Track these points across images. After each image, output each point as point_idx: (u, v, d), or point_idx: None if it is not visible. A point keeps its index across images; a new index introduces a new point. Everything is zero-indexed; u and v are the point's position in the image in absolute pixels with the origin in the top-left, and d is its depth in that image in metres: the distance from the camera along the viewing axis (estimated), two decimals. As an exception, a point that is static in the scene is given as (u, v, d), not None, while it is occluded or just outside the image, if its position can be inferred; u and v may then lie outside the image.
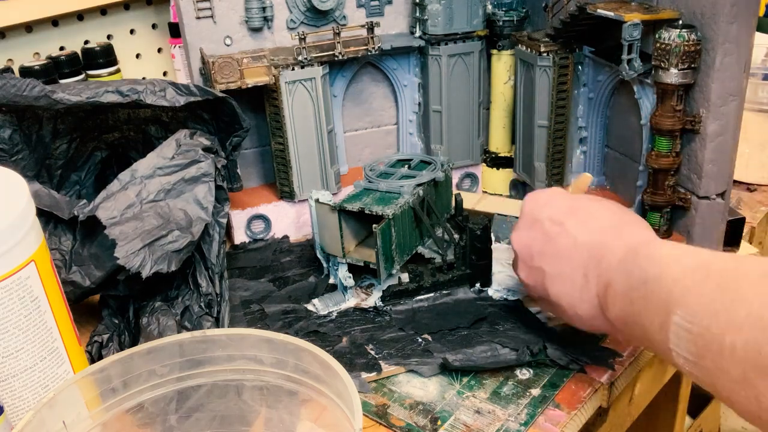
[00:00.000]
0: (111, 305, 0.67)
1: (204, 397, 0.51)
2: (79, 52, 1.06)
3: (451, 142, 0.87)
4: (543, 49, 0.76)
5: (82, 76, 1.04)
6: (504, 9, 0.84)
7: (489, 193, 0.91)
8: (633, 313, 0.49)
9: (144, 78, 0.98)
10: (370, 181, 0.74)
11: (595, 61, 0.77)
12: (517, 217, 0.79)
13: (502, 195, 0.90)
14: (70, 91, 0.65)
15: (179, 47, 1.09)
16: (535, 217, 0.59)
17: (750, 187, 0.92)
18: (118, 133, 0.77)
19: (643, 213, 0.72)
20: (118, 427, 0.49)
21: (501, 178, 0.90)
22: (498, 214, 0.81)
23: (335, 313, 0.69)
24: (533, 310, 0.67)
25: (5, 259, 0.45)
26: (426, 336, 0.65)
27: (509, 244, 0.79)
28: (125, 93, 0.66)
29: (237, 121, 0.70)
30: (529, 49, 0.78)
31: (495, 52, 0.86)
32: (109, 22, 1.15)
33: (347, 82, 0.85)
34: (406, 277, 0.71)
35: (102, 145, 0.77)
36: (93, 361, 0.61)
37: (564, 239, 0.56)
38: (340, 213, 0.69)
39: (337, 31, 0.76)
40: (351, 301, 0.70)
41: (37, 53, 1.07)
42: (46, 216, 0.63)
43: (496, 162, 0.90)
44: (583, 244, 0.55)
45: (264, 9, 0.77)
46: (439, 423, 0.55)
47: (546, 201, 0.60)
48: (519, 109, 0.83)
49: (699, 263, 0.44)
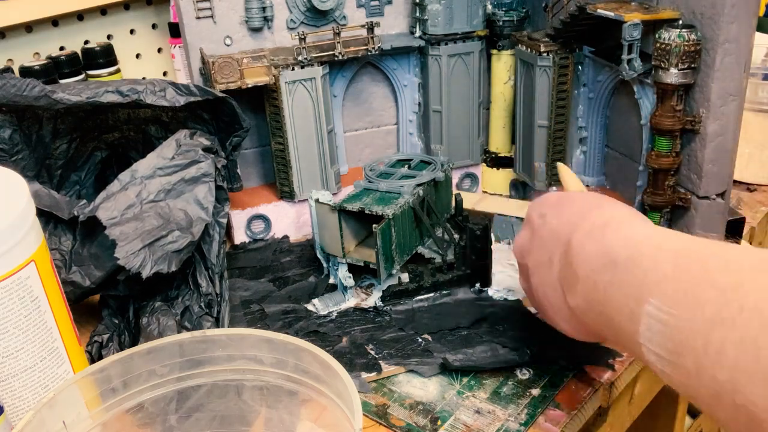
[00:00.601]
0: (111, 305, 0.67)
1: (204, 397, 0.51)
2: (79, 52, 1.06)
3: (451, 142, 0.87)
4: (543, 49, 0.76)
5: (82, 76, 1.04)
6: (504, 9, 0.84)
7: (489, 193, 0.91)
8: (597, 301, 0.44)
9: (144, 78, 0.98)
10: (370, 181, 0.74)
11: (595, 61, 0.77)
12: (517, 217, 0.80)
13: (502, 195, 0.90)
14: (70, 91, 0.65)
15: (179, 47, 1.09)
16: (528, 218, 0.58)
17: (750, 187, 0.92)
18: (118, 133, 0.77)
19: (643, 213, 0.72)
20: (118, 427, 0.49)
21: (501, 178, 0.90)
22: (498, 214, 0.81)
23: (335, 313, 0.69)
24: (533, 310, 0.67)
25: (5, 259, 0.45)
26: (426, 336, 0.65)
27: (509, 244, 0.79)
28: (125, 93, 0.66)
29: (237, 121, 0.70)
30: (529, 49, 0.78)
31: (495, 52, 0.86)
32: (109, 22, 1.15)
33: (347, 82, 0.85)
34: (406, 277, 0.71)
35: (102, 145, 0.77)
36: (93, 361, 0.61)
37: (543, 230, 0.54)
38: (340, 213, 0.69)
39: (337, 31, 0.76)
40: (351, 301, 0.70)
41: (37, 53, 1.07)
42: (46, 216, 0.63)
43: (496, 162, 0.90)
44: (555, 231, 0.52)
45: (264, 9, 0.77)
46: (439, 423, 0.55)
47: (540, 203, 0.58)
48: (519, 109, 0.83)
49: (681, 247, 0.39)
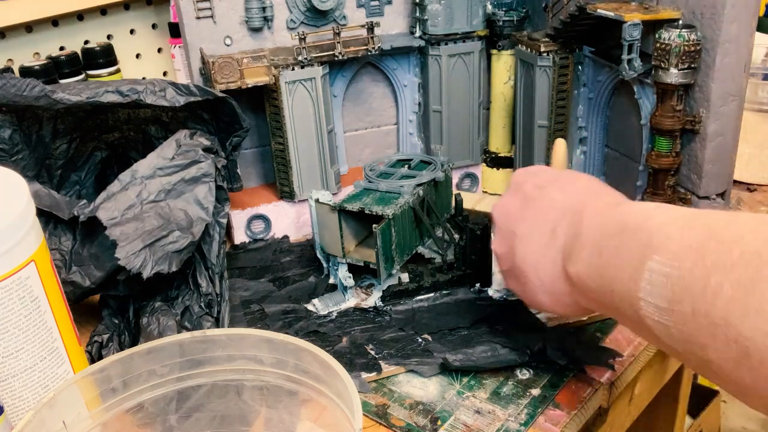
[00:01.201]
0: (111, 305, 0.67)
1: (204, 397, 0.51)
2: (79, 52, 1.06)
3: (451, 142, 0.87)
4: (543, 49, 0.76)
5: (82, 76, 1.04)
6: (504, 9, 0.84)
7: (489, 193, 0.91)
8: (599, 265, 0.46)
9: (144, 78, 0.98)
10: (370, 181, 0.74)
11: (595, 61, 0.77)
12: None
13: (502, 195, 0.90)
14: (70, 91, 0.65)
15: (179, 47, 1.09)
16: (518, 186, 0.59)
17: (750, 187, 0.92)
18: (118, 133, 0.77)
19: (643, 213, 0.72)
20: (118, 427, 0.49)
21: (501, 178, 0.90)
22: (498, 214, 0.81)
23: (335, 313, 0.69)
24: (533, 310, 0.67)
25: (5, 259, 0.45)
26: (426, 336, 0.65)
27: None
28: (125, 93, 0.66)
29: (237, 121, 0.70)
30: (529, 49, 0.78)
31: (495, 52, 0.86)
32: (109, 22, 1.15)
33: (347, 82, 0.85)
34: (406, 277, 0.71)
35: (102, 145, 0.77)
36: (93, 361, 0.61)
37: (542, 201, 0.55)
38: (340, 213, 0.69)
39: (337, 31, 0.76)
40: (351, 301, 0.70)
41: (37, 53, 1.07)
42: (46, 216, 0.63)
43: (496, 162, 0.90)
44: (560, 204, 0.53)
45: (264, 9, 0.77)
46: (439, 423, 0.55)
47: (533, 172, 0.60)
48: (519, 109, 0.83)
49: (687, 213, 0.42)
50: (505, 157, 0.89)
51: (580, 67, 0.78)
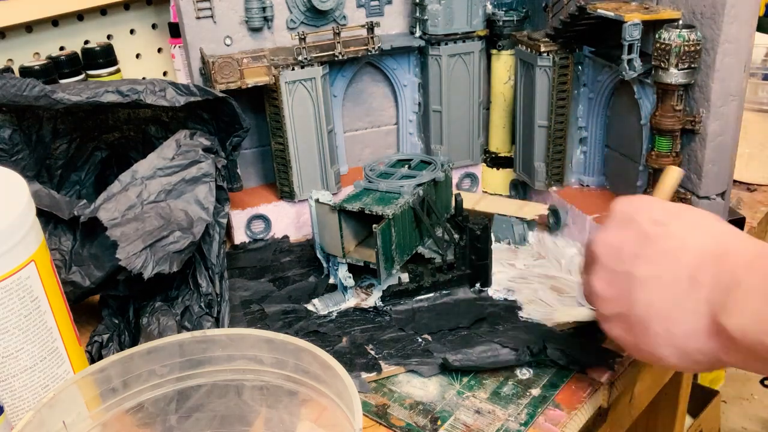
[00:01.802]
0: (111, 305, 0.67)
1: (204, 397, 0.51)
2: (79, 52, 1.06)
3: (451, 142, 0.87)
4: (543, 49, 0.76)
5: (82, 76, 1.04)
6: (504, 9, 0.84)
7: (489, 193, 0.91)
8: None
9: (144, 78, 0.98)
10: (370, 181, 0.74)
11: (595, 61, 0.77)
12: (517, 218, 0.80)
13: (502, 195, 0.90)
14: (70, 91, 0.65)
15: (179, 47, 1.09)
16: (630, 218, 0.51)
17: (750, 187, 0.92)
18: (118, 133, 0.77)
19: (643, 213, 0.72)
20: (118, 427, 0.49)
21: (501, 178, 0.90)
22: (498, 214, 0.81)
23: (335, 313, 0.69)
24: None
25: (5, 259, 0.45)
26: (426, 336, 0.65)
27: (509, 244, 0.79)
28: (125, 93, 0.66)
29: (237, 121, 0.70)
30: (529, 49, 0.78)
31: (495, 52, 0.86)
32: (109, 22, 1.15)
33: (347, 82, 0.85)
34: (406, 277, 0.71)
35: (102, 145, 0.77)
36: (93, 361, 0.61)
37: (667, 241, 0.48)
38: (340, 213, 0.69)
39: (337, 31, 0.76)
40: (351, 301, 0.70)
41: (37, 53, 1.07)
42: (46, 216, 0.63)
43: (496, 162, 0.90)
44: (693, 246, 0.47)
45: (264, 9, 0.77)
46: (439, 423, 0.55)
47: (645, 204, 0.52)
48: (519, 109, 0.83)
49: None
50: (505, 157, 0.89)
51: (580, 67, 0.78)
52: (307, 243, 0.81)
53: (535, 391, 0.58)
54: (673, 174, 0.60)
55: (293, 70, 0.76)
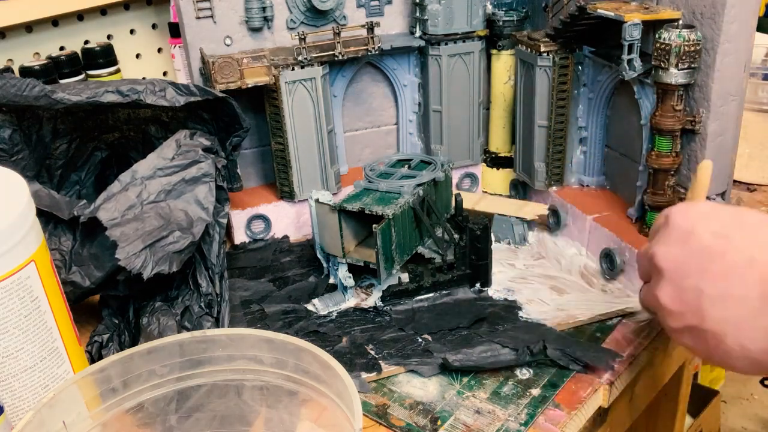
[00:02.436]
0: (111, 305, 0.67)
1: (204, 397, 0.51)
2: (79, 52, 1.06)
3: (451, 142, 0.87)
4: (543, 49, 0.76)
5: (82, 76, 1.04)
6: (504, 9, 0.84)
7: (489, 193, 0.91)
8: None
9: (144, 78, 0.98)
10: (370, 181, 0.74)
11: (595, 61, 0.77)
12: (517, 218, 0.80)
13: (502, 195, 0.90)
14: (70, 91, 0.65)
15: (179, 47, 1.09)
16: (690, 231, 0.50)
17: (750, 187, 0.92)
18: (118, 133, 0.77)
19: (643, 213, 0.72)
20: (118, 427, 0.49)
21: (501, 178, 0.90)
22: (498, 214, 0.81)
23: (335, 313, 0.69)
24: (528, 315, 0.67)
25: (5, 259, 0.45)
26: (426, 336, 0.65)
27: (509, 244, 0.79)
28: (125, 93, 0.66)
29: (237, 121, 0.70)
30: (529, 49, 0.78)
31: (495, 52, 0.86)
32: (109, 22, 1.15)
33: (347, 82, 0.85)
34: (406, 277, 0.71)
35: (102, 145, 0.77)
36: (93, 361, 0.61)
37: (732, 255, 0.48)
38: (340, 213, 0.69)
39: (337, 31, 0.76)
40: (351, 301, 0.70)
41: (37, 53, 1.07)
42: (46, 216, 0.63)
43: (496, 162, 0.90)
44: (760, 262, 0.46)
45: (264, 9, 0.77)
46: (439, 423, 0.55)
47: (703, 214, 0.51)
48: (519, 109, 0.83)
49: None
50: (505, 157, 0.89)
51: (580, 67, 0.78)
52: (307, 243, 0.81)
53: (535, 391, 0.58)
54: (707, 170, 0.59)
55: (293, 70, 0.76)
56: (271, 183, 0.86)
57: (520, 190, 0.89)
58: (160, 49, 1.23)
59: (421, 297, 0.70)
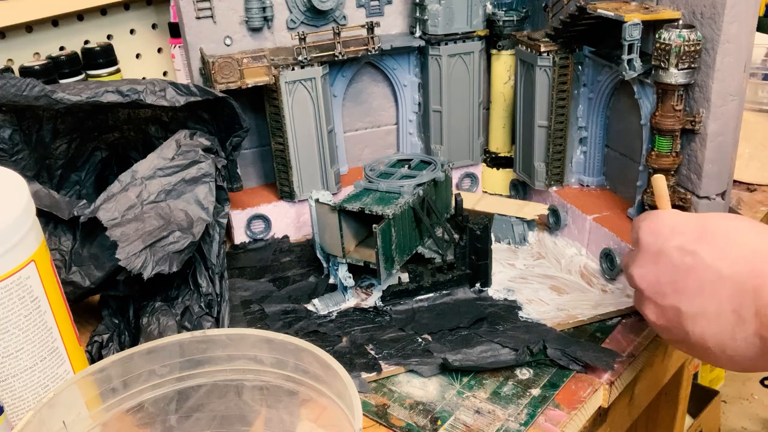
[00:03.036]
0: (111, 305, 0.67)
1: (204, 397, 0.51)
2: (79, 52, 1.06)
3: (451, 142, 0.87)
4: (543, 49, 0.76)
5: (82, 76, 1.04)
6: (504, 9, 0.84)
7: (489, 193, 0.91)
8: None
9: (144, 78, 0.98)
10: (370, 181, 0.74)
11: (595, 61, 0.77)
12: (517, 218, 0.80)
13: (502, 195, 0.90)
14: (70, 91, 0.65)
15: (179, 47, 1.09)
16: (659, 250, 0.52)
17: (750, 187, 0.92)
18: (118, 133, 0.77)
19: (643, 213, 0.72)
20: (118, 427, 0.49)
21: (501, 178, 0.90)
22: (498, 214, 0.81)
23: (335, 313, 0.69)
24: (526, 315, 0.67)
25: (5, 259, 0.45)
26: (426, 336, 0.65)
27: (509, 244, 0.79)
28: (125, 93, 0.66)
29: (237, 121, 0.70)
30: (529, 49, 0.78)
31: (495, 52, 0.86)
32: (109, 22, 1.15)
33: (347, 82, 0.85)
34: (406, 277, 0.71)
35: (102, 145, 0.77)
36: (93, 361, 0.61)
37: (701, 273, 0.49)
38: (340, 213, 0.69)
39: (337, 31, 0.76)
40: (351, 301, 0.70)
41: (37, 53, 1.07)
42: (46, 216, 0.63)
43: (496, 162, 0.90)
44: (728, 277, 0.47)
45: (264, 9, 0.77)
46: (439, 423, 0.55)
47: (669, 228, 0.52)
48: (519, 109, 0.83)
49: None
50: (505, 157, 0.89)
51: (580, 67, 0.78)
52: (307, 243, 0.81)
53: (535, 391, 0.58)
54: (661, 182, 0.60)
55: (293, 70, 0.76)
56: (271, 183, 0.86)
57: (520, 190, 0.89)
58: (160, 49, 1.23)
59: (421, 297, 0.70)
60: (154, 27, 1.21)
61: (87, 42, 1.12)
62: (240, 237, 0.82)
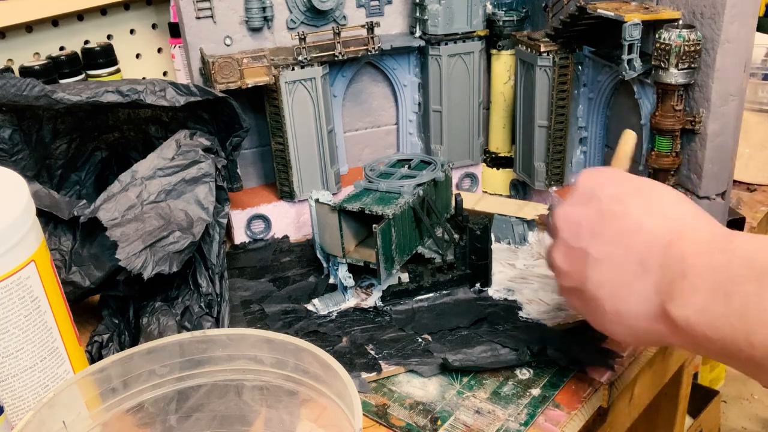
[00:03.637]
0: (111, 305, 0.67)
1: (204, 397, 0.51)
2: (79, 52, 1.06)
3: (451, 142, 0.87)
4: (543, 49, 0.76)
5: (82, 76, 1.04)
6: (504, 9, 0.84)
7: (489, 193, 0.91)
8: (727, 314, 0.41)
9: (144, 78, 0.98)
10: (370, 181, 0.74)
11: (595, 61, 0.77)
12: (517, 218, 0.80)
13: (502, 195, 0.90)
14: (70, 91, 0.65)
15: (179, 47, 1.09)
16: (592, 193, 0.51)
17: (750, 187, 0.92)
18: (118, 133, 0.77)
19: (643, 213, 0.72)
20: (118, 427, 0.49)
21: (501, 178, 0.90)
22: (498, 214, 0.81)
23: (335, 313, 0.69)
24: (528, 315, 0.67)
25: (5, 259, 0.45)
26: (426, 336, 0.65)
27: (509, 244, 0.79)
28: (125, 93, 0.66)
29: (237, 121, 0.70)
30: (529, 49, 0.78)
31: (495, 52, 0.86)
32: (109, 22, 1.15)
33: (347, 82, 0.85)
34: (406, 277, 0.71)
35: (102, 145, 0.77)
36: (93, 361, 0.61)
37: (623, 221, 0.48)
38: (340, 213, 0.69)
39: (337, 31, 0.76)
40: (351, 301, 0.70)
41: (37, 53, 1.07)
42: (46, 216, 0.63)
43: (496, 162, 0.90)
44: (648, 229, 0.47)
45: (264, 9, 0.77)
46: (439, 423, 0.55)
47: (608, 179, 0.52)
48: (519, 109, 0.83)
49: None
50: (505, 157, 0.89)
51: (580, 67, 0.78)
52: (307, 243, 0.81)
53: (535, 391, 0.58)
54: (630, 138, 0.60)
55: (293, 70, 0.76)
56: (271, 183, 0.86)
57: (520, 190, 0.89)
58: (160, 49, 1.23)
59: (421, 297, 0.70)
60: (154, 27, 1.21)
61: (87, 42, 1.12)
62: (240, 237, 0.82)
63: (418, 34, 0.83)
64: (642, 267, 0.46)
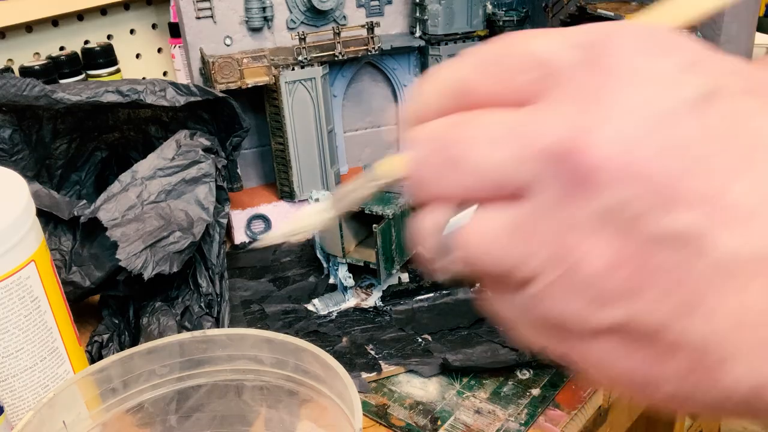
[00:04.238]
0: (111, 305, 0.67)
1: (204, 397, 0.51)
2: (79, 52, 1.06)
3: (451, 142, 0.87)
4: (543, 49, 0.76)
5: (82, 76, 1.04)
6: (504, 9, 0.84)
7: (489, 193, 0.91)
8: None
9: (144, 78, 0.98)
10: (370, 181, 0.73)
11: (595, 61, 0.77)
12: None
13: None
14: (70, 91, 0.65)
15: (179, 47, 1.09)
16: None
17: (750, 187, 0.92)
18: (118, 133, 0.77)
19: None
20: (118, 427, 0.49)
21: (501, 178, 0.90)
22: (498, 214, 0.81)
23: (335, 313, 0.69)
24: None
25: (5, 259, 0.45)
26: (426, 336, 0.65)
27: None
28: (125, 93, 0.66)
29: (237, 121, 0.70)
30: (529, 49, 0.78)
31: (495, 52, 0.86)
32: (109, 22, 1.15)
33: (347, 82, 0.85)
34: (406, 277, 0.71)
35: (102, 145, 0.77)
36: (93, 361, 0.61)
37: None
38: (340, 213, 0.69)
39: (337, 31, 0.76)
40: (351, 301, 0.70)
41: (37, 53, 1.07)
42: (46, 216, 0.63)
43: (496, 162, 0.90)
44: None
45: (264, 9, 0.77)
46: (439, 423, 0.55)
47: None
48: (519, 109, 0.83)
49: None
50: (505, 157, 0.89)
51: (580, 67, 0.78)
52: (307, 243, 0.81)
53: (535, 391, 0.58)
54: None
55: (293, 70, 0.76)
56: (271, 183, 0.86)
57: (520, 190, 0.89)
58: (160, 49, 1.23)
59: (421, 297, 0.70)
60: (154, 27, 1.21)
61: (87, 42, 1.12)
62: (240, 237, 0.82)
63: (418, 34, 0.83)
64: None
